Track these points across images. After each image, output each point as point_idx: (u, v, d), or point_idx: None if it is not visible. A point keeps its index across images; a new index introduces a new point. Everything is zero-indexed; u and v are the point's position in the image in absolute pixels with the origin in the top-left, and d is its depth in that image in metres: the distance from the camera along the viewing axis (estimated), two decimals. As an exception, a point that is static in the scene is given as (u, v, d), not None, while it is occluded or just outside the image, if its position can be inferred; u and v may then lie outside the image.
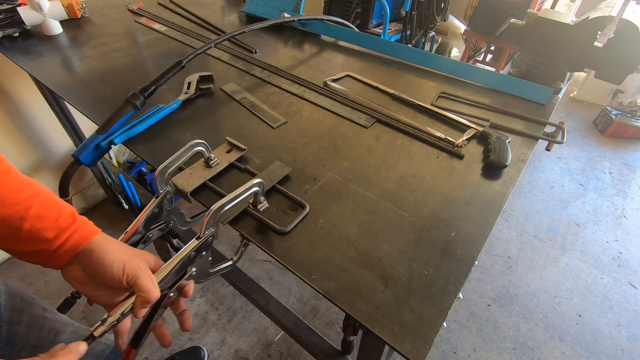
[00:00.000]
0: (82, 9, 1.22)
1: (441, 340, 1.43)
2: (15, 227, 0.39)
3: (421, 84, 0.97)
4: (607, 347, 1.44)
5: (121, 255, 0.44)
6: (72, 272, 0.44)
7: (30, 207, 0.40)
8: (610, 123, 2.65)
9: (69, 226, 0.42)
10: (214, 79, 0.89)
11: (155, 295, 0.43)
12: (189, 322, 0.52)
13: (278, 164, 0.67)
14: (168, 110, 0.79)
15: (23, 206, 0.40)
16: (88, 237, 0.43)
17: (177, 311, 0.52)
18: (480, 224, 0.59)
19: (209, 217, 0.47)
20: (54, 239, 0.41)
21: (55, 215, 0.42)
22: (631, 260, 1.81)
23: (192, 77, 0.86)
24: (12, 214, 0.39)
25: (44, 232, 0.40)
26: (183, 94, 0.84)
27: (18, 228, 0.39)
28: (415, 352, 0.43)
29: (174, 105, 0.80)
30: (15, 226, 0.39)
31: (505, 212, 2.02)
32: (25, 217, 0.40)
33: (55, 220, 0.41)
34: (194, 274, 0.51)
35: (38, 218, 0.40)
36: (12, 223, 0.39)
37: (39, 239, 0.40)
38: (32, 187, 0.42)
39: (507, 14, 2.33)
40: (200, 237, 0.49)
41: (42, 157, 1.60)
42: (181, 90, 0.86)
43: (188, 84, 0.86)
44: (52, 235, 0.41)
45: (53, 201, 0.43)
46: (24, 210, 0.40)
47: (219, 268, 0.58)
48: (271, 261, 1.68)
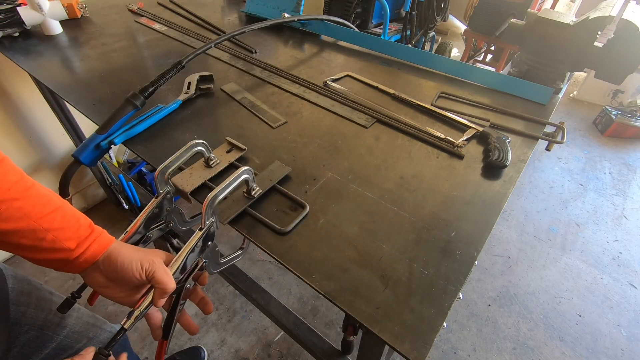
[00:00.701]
0: (82, 9, 1.22)
1: (441, 340, 1.43)
2: (39, 238, 0.42)
3: (421, 84, 0.97)
4: (607, 347, 1.44)
5: (136, 255, 0.48)
6: (95, 279, 0.48)
7: (53, 219, 0.44)
8: (610, 123, 2.65)
9: (88, 236, 0.46)
10: (214, 79, 0.89)
11: (171, 286, 0.47)
12: (209, 306, 0.57)
13: (278, 164, 0.67)
14: (168, 110, 0.79)
15: (47, 219, 0.43)
16: (105, 246, 0.47)
17: (196, 299, 0.57)
18: (480, 224, 0.59)
19: (206, 207, 0.50)
20: (74, 249, 0.44)
21: (75, 226, 0.45)
22: (631, 260, 1.81)
23: (192, 77, 0.86)
24: (37, 226, 0.42)
25: (65, 243, 0.44)
26: (183, 94, 0.84)
27: (42, 239, 0.43)
28: (415, 352, 0.43)
29: (174, 105, 0.80)
30: (39, 237, 0.42)
31: (505, 212, 2.02)
32: (49, 229, 0.43)
33: (76, 231, 0.45)
34: (205, 264, 0.55)
35: (60, 230, 0.44)
36: (37, 235, 0.42)
37: (61, 248, 0.44)
38: (53, 200, 0.46)
39: (507, 14, 2.33)
40: (203, 228, 0.51)
41: (42, 157, 1.60)
42: (181, 90, 0.86)
43: (188, 84, 0.86)
44: (73, 245, 0.44)
45: (72, 214, 0.46)
46: (48, 223, 0.43)
47: (231, 257, 0.62)
48: (271, 261, 1.68)
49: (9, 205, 0.41)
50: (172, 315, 0.52)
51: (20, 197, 0.42)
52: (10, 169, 0.44)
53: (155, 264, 0.48)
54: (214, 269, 0.58)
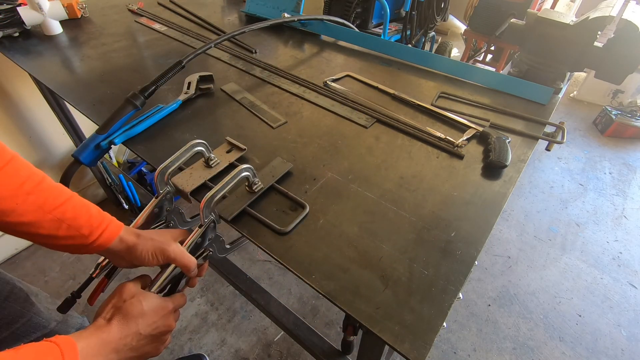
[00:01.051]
0: (82, 9, 1.22)
1: (441, 340, 1.43)
2: (55, 227, 0.46)
3: (421, 84, 0.97)
4: (607, 347, 1.44)
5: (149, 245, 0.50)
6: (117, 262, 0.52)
7: (66, 210, 0.46)
8: (610, 123, 2.65)
9: (100, 224, 0.49)
10: (213, 79, 0.89)
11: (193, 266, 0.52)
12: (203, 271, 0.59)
13: (279, 160, 0.67)
14: (168, 110, 0.79)
15: (60, 210, 0.46)
16: (116, 232, 0.50)
17: None
18: (480, 224, 0.59)
19: (204, 207, 0.51)
20: (88, 235, 0.47)
21: (86, 215, 0.48)
22: (631, 260, 1.81)
23: (192, 77, 0.86)
24: (52, 217, 0.45)
25: (80, 230, 0.47)
26: (183, 94, 0.84)
27: (58, 228, 0.46)
28: (415, 352, 0.43)
29: (174, 105, 0.80)
30: (55, 227, 0.46)
31: (505, 212, 2.02)
32: (63, 219, 0.46)
33: (88, 220, 0.48)
34: (211, 253, 0.59)
35: (73, 219, 0.47)
36: (53, 225, 0.45)
37: (76, 235, 0.47)
38: (63, 191, 0.48)
39: (507, 14, 2.33)
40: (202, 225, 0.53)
41: (42, 157, 1.60)
42: (181, 90, 0.86)
43: (188, 84, 0.86)
44: (87, 232, 0.47)
45: (81, 203, 0.49)
46: (62, 214, 0.46)
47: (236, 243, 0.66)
48: (271, 261, 1.68)
49: (24, 199, 0.44)
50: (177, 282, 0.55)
51: (33, 192, 0.45)
52: (21, 165, 0.46)
53: (169, 251, 0.50)
54: (220, 254, 0.61)
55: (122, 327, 0.43)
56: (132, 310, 0.44)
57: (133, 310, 0.44)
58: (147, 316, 0.45)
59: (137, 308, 0.45)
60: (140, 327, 0.44)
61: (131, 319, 0.44)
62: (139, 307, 0.45)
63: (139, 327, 0.44)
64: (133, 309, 0.44)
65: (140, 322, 0.44)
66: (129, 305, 0.44)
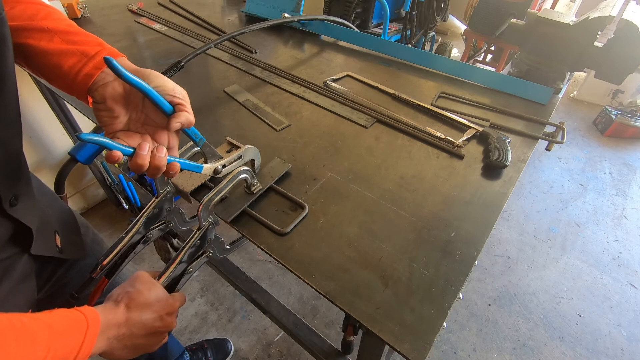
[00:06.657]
0: (82, 9, 1.22)
1: (441, 340, 1.43)
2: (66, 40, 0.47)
3: (421, 84, 0.97)
4: (607, 347, 1.44)
5: None
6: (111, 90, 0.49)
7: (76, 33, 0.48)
8: (610, 123, 2.65)
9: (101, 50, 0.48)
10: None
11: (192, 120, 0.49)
12: None
13: (278, 161, 0.67)
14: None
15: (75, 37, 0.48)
16: (117, 54, 0.50)
17: None
18: (480, 224, 0.59)
19: (201, 210, 0.51)
20: (95, 55, 0.47)
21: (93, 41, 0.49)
22: (631, 260, 1.80)
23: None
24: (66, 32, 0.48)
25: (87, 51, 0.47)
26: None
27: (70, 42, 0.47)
28: (415, 352, 0.43)
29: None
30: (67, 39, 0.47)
31: (505, 212, 2.02)
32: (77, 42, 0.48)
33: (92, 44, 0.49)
34: (211, 254, 0.58)
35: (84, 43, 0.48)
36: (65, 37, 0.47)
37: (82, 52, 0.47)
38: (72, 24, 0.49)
39: (507, 14, 2.32)
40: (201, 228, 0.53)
41: (42, 157, 1.60)
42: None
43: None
44: (93, 52, 0.47)
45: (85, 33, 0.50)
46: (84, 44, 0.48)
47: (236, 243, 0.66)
48: (271, 261, 1.68)
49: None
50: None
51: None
52: (53, 10, 0.48)
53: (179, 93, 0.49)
54: (220, 255, 0.61)
55: (128, 312, 0.44)
56: (140, 298, 0.45)
57: (140, 298, 0.45)
58: (153, 307, 0.46)
59: (145, 296, 0.46)
60: (143, 316, 0.45)
61: (137, 305, 0.45)
62: (147, 296, 0.46)
63: (142, 317, 0.45)
64: (141, 297, 0.45)
65: (145, 312, 0.45)
66: (137, 293, 0.45)
